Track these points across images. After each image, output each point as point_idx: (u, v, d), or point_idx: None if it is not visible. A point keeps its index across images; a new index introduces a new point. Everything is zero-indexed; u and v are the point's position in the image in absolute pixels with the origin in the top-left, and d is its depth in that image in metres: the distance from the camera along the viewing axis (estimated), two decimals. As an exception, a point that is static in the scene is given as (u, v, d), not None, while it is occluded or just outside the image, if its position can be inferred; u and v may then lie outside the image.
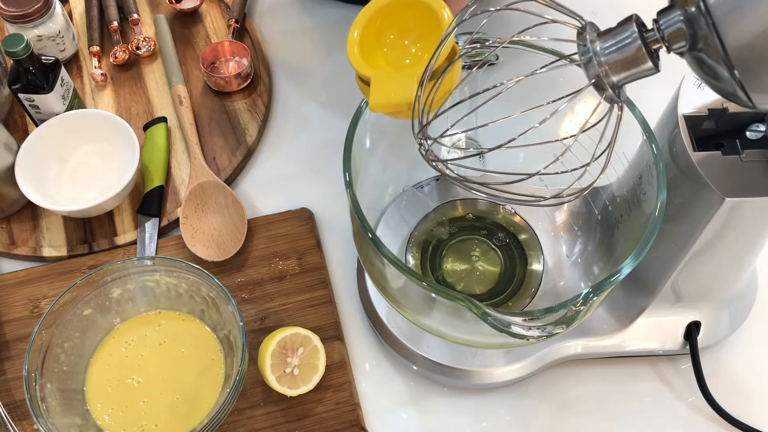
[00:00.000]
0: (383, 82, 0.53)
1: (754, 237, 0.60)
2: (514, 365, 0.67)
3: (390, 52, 0.57)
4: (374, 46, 0.56)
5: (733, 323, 0.71)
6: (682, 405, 0.70)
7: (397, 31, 0.56)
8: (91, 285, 0.67)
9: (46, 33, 0.85)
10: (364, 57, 0.55)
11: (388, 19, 0.56)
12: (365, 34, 0.56)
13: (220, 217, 0.77)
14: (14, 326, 0.72)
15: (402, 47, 0.57)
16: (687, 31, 0.41)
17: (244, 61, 0.89)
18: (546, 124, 0.46)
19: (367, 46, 0.55)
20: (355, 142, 0.58)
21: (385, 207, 0.74)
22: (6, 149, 0.75)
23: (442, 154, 0.73)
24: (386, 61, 0.56)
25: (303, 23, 0.96)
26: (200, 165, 0.80)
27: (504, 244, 0.72)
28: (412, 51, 0.56)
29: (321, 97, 0.89)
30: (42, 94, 0.77)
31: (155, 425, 0.65)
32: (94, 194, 0.76)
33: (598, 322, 0.68)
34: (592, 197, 0.69)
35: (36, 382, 0.63)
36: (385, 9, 0.55)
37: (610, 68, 0.44)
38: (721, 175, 0.54)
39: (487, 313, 0.50)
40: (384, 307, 0.71)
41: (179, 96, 0.85)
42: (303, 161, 0.84)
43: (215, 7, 0.95)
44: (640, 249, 0.53)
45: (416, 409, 0.70)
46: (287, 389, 0.66)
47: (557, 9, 0.47)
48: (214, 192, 0.79)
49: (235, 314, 0.64)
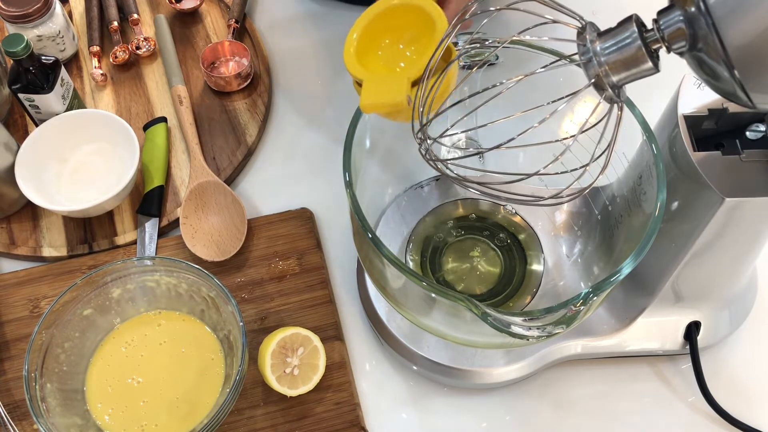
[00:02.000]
0: (374, 84, 0.54)
1: (754, 237, 0.60)
2: (514, 365, 0.67)
3: (385, 56, 0.57)
4: (370, 50, 0.57)
5: (733, 323, 0.71)
6: (682, 405, 0.70)
7: (392, 35, 0.57)
8: (91, 285, 0.67)
9: (46, 33, 0.85)
10: (360, 60, 0.56)
11: (384, 23, 0.57)
12: (362, 38, 0.56)
13: (220, 217, 0.77)
14: (14, 326, 0.72)
15: (397, 51, 0.58)
16: (687, 31, 0.41)
17: (244, 61, 0.89)
18: (546, 125, 0.46)
19: (363, 49, 0.56)
20: (355, 142, 0.58)
21: (385, 207, 0.74)
22: (6, 149, 0.75)
23: (442, 154, 0.73)
24: (381, 64, 0.57)
25: (303, 23, 0.96)
26: (200, 165, 0.80)
27: (505, 244, 0.72)
28: (406, 54, 0.57)
29: (321, 97, 0.89)
30: (42, 94, 0.77)
31: (155, 425, 0.65)
32: (94, 194, 0.76)
33: (598, 322, 0.68)
34: (592, 197, 0.69)
35: (36, 382, 0.63)
36: (382, 14, 0.56)
37: (610, 68, 0.44)
38: (721, 175, 0.54)
39: (487, 313, 0.50)
40: (384, 307, 0.71)
41: (179, 96, 0.85)
42: (303, 161, 0.84)
43: (215, 7, 0.95)
44: (640, 249, 0.53)
45: (416, 409, 0.70)
46: (287, 389, 0.66)
47: (557, 9, 0.47)
48: (214, 192, 0.79)
49: (235, 314, 0.64)
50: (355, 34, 0.56)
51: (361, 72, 0.55)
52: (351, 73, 0.55)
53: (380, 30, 0.57)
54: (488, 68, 0.64)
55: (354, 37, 0.56)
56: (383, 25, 0.57)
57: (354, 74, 0.55)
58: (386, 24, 0.57)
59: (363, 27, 0.56)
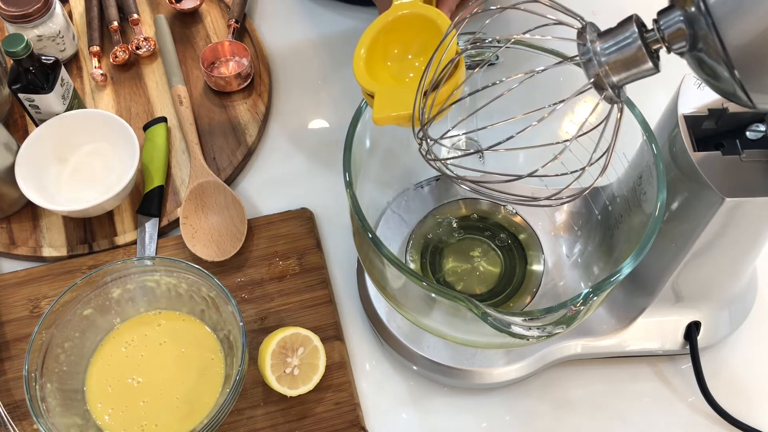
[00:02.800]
0: (386, 96, 0.54)
1: (754, 237, 0.60)
2: (514, 365, 0.67)
3: (394, 66, 0.57)
4: (379, 61, 0.57)
5: (733, 323, 0.71)
6: (682, 405, 0.70)
7: (401, 45, 0.57)
8: (91, 285, 0.67)
9: (46, 33, 0.85)
10: (370, 71, 0.56)
11: (392, 34, 0.56)
12: (371, 50, 0.56)
13: (220, 217, 0.77)
14: (14, 326, 0.72)
15: (406, 61, 0.57)
16: (687, 31, 0.41)
17: (244, 61, 0.89)
18: (546, 125, 0.46)
19: (372, 60, 0.56)
20: (355, 142, 0.58)
21: (385, 207, 0.74)
22: (6, 149, 0.75)
23: (442, 154, 0.73)
24: (390, 75, 0.57)
25: (303, 23, 0.96)
26: (200, 165, 0.80)
27: (505, 244, 0.72)
28: (415, 65, 0.57)
29: (321, 96, 0.89)
30: (42, 94, 0.77)
31: (155, 425, 0.65)
32: (94, 194, 0.76)
33: (598, 322, 0.68)
34: (592, 197, 0.69)
35: (36, 382, 0.63)
36: (390, 24, 0.56)
37: (610, 68, 0.44)
38: (721, 175, 0.54)
39: (487, 313, 0.50)
40: (384, 307, 0.71)
41: (179, 96, 0.85)
42: (303, 161, 0.84)
43: (215, 7, 0.95)
44: (640, 249, 0.53)
45: (416, 409, 0.70)
46: (287, 389, 0.66)
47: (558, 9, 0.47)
48: (214, 192, 0.79)
49: (235, 314, 0.64)
50: (363, 47, 0.56)
51: (372, 84, 0.55)
52: (362, 85, 0.55)
53: (388, 41, 0.57)
54: (488, 68, 0.64)
55: (362, 52, 0.56)
56: (391, 36, 0.56)
57: (365, 86, 0.55)
58: (394, 35, 0.56)
59: (371, 39, 0.56)
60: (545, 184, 0.66)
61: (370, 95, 0.55)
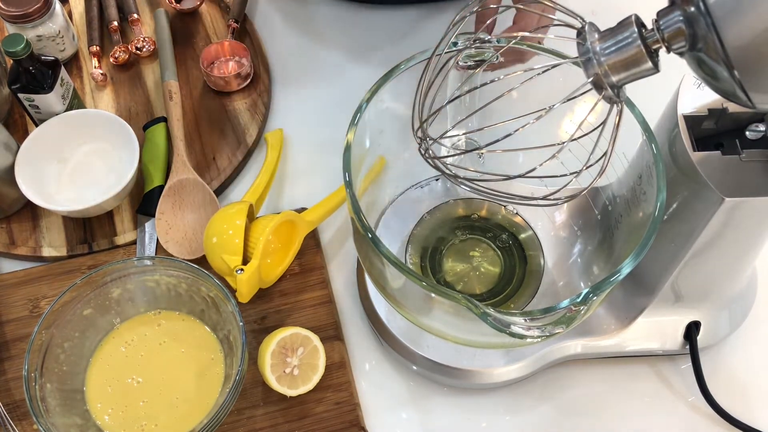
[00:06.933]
0: None
1: (754, 237, 0.60)
2: (514, 365, 0.67)
3: None
4: None
5: (733, 323, 0.71)
6: (681, 405, 0.70)
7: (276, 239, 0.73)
8: (91, 285, 0.67)
9: (46, 33, 0.85)
10: None
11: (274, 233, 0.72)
12: None
13: (196, 215, 0.77)
14: (14, 326, 0.72)
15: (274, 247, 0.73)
16: (687, 31, 0.41)
17: (244, 61, 0.89)
18: (546, 125, 0.46)
19: None
20: (355, 142, 0.58)
21: (385, 207, 0.74)
22: (6, 149, 0.75)
23: (442, 153, 0.73)
24: None
25: (303, 23, 0.96)
26: (182, 161, 0.79)
27: (505, 244, 0.72)
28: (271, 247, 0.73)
29: (321, 96, 0.89)
30: (42, 94, 0.77)
31: (155, 425, 0.65)
32: (94, 194, 0.76)
33: (598, 322, 0.68)
34: (592, 197, 0.69)
35: (36, 382, 0.63)
36: None
37: (609, 68, 0.44)
38: (721, 175, 0.54)
39: (487, 313, 0.50)
40: (384, 307, 0.71)
41: (170, 91, 0.84)
42: (302, 161, 0.84)
43: (215, 7, 0.95)
44: (640, 249, 0.53)
45: (416, 409, 0.70)
46: (287, 389, 0.66)
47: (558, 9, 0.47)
48: (192, 189, 0.78)
49: (235, 314, 0.64)
50: None
51: None
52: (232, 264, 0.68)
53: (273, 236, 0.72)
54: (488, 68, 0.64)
55: None
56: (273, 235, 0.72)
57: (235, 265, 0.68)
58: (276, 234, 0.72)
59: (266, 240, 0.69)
60: (545, 184, 0.66)
61: None
